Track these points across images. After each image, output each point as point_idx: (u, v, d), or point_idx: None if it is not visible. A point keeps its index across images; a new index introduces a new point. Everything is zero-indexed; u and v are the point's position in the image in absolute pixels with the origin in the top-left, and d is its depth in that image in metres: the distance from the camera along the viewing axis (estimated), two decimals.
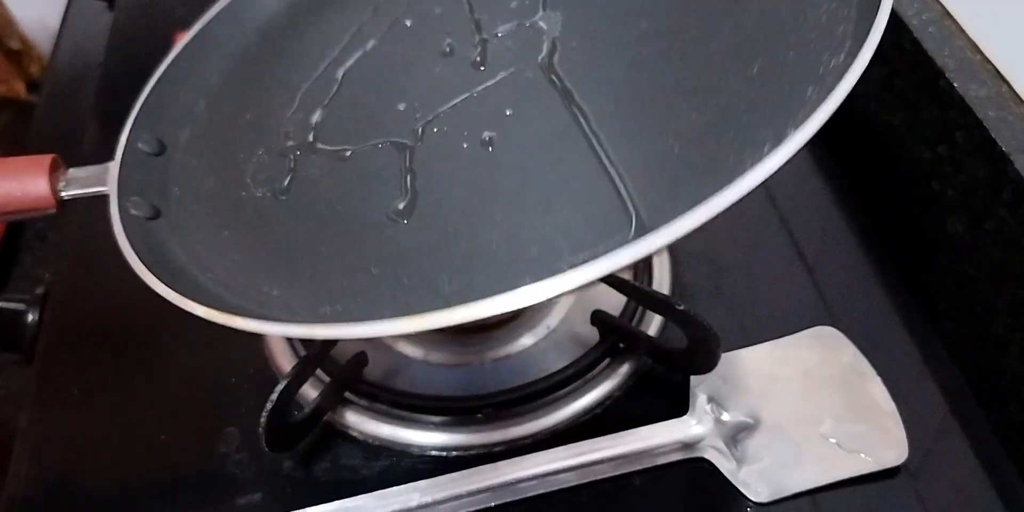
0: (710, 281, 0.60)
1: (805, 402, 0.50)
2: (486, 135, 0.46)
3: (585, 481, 0.47)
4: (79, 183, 0.46)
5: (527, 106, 0.47)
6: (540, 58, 0.49)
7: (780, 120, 0.38)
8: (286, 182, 0.48)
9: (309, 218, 0.46)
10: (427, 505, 0.45)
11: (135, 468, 0.52)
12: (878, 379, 0.51)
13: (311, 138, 0.50)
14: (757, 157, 0.33)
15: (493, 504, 0.46)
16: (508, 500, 0.46)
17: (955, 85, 0.54)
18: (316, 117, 0.51)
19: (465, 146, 0.46)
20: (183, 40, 0.54)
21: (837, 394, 0.51)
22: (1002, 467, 0.50)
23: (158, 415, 0.54)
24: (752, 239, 0.63)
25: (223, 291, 0.43)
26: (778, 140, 0.33)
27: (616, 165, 0.42)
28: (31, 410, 0.55)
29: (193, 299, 0.38)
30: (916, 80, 0.58)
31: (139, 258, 0.41)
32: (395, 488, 0.46)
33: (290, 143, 0.50)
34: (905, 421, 0.50)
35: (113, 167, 0.47)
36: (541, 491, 0.46)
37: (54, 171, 0.46)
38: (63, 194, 0.46)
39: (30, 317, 0.59)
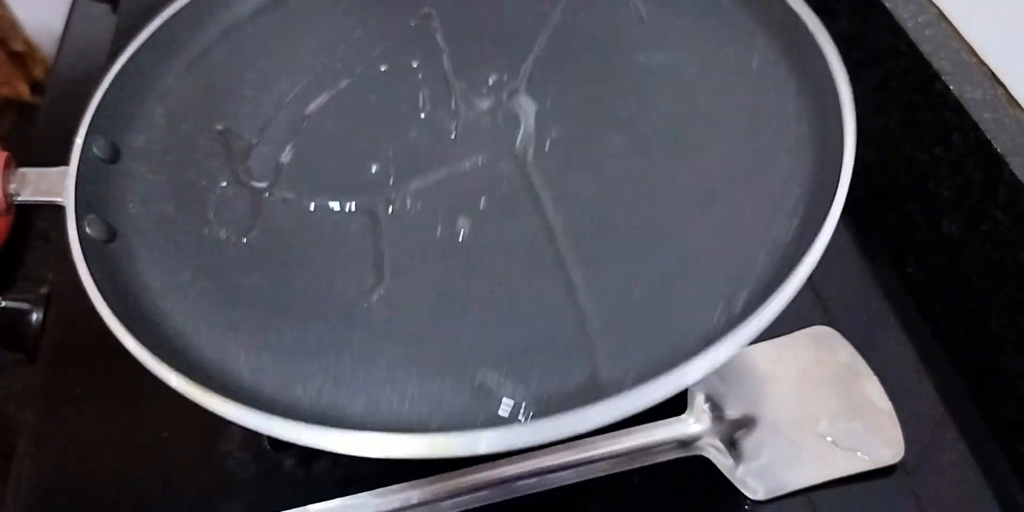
0: None
1: (802, 401, 0.50)
2: (460, 224, 0.46)
3: (583, 479, 0.47)
4: (33, 188, 0.45)
5: (501, 201, 0.47)
6: (515, 148, 0.49)
7: (733, 282, 0.41)
8: (252, 228, 0.47)
9: (276, 274, 0.45)
10: (427, 503, 0.46)
11: (137, 466, 0.53)
12: (874, 378, 0.51)
13: (278, 182, 0.49)
14: (709, 322, 0.39)
15: (492, 502, 0.46)
16: (507, 498, 0.46)
17: (951, 88, 0.54)
18: (284, 157, 0.50)
19: (438, 232, 0.46)
20: (141, 36, 0.52)
21: (834, 393, 0.51)
22: (998, 465, 0.50)
23: (160, 414, 0.54)
24: None
25: (187, 344, 0.42)
26: (729, 306, 0.40)
27: (579, 294, 0.43)
28: (35, 409, 0.56)
29: (166, 362, 0.38)
30: (911, 82, 0.58)
31: (105, 303, 0.41)
32: (395, 486, 0.46)
33: (256, 184, 0.49)
34: (901, 420, 0.50)
35: (69, 174, 0.45)
36: (540, 489, 0.46)
37: (5, 170, 0.44)
38: (17, 198, 0.44)
39: (34, 316, 0.59)
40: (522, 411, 0.39)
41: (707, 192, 0.45)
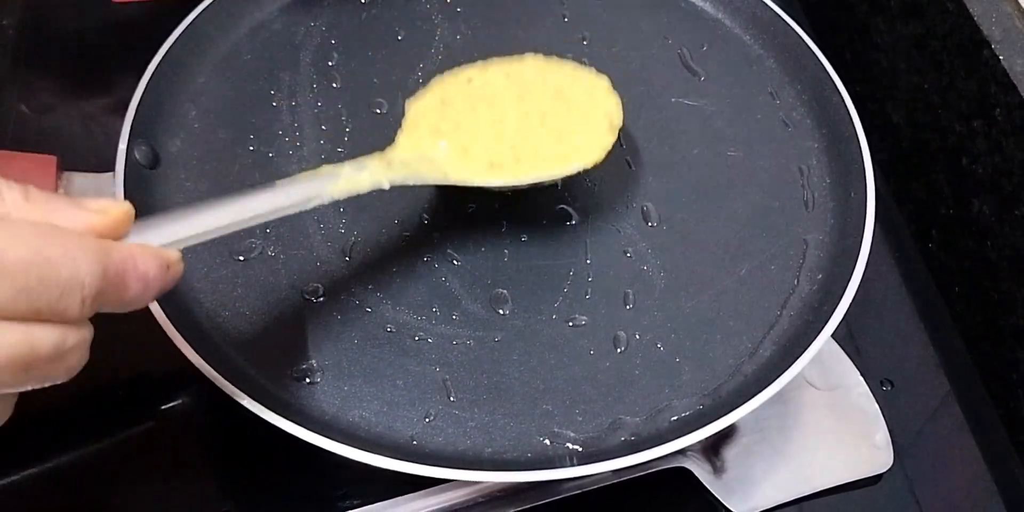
0: None
1: (786, 407, 0.48)
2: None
3: (566, 494, 0.43)
4: (82, 195, 0.40)
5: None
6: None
7: (758, 331, 0.44)
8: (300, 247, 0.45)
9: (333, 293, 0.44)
10: None
11: None
12: (863, 383, 0.48)
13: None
14: (737, 376, 0.42)
15: None
16: None
17: (1001, 58, 0.49)
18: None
19: None
20: (173, 34, 0.48)
21: (820, 399, 0.48)
22: (1010, 464, 0.49)
23: None
24: None
25: (242, 362, 0.41)
26: (755, 355, 0.43)
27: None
28: None
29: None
30: (955, 45, 0.52)
31: (165, 314, 0.39)
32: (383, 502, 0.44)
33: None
34: (904, 417, 0.48)
35: (116, 180, 0.42)
36: (514, 508, 0.43)
37: (57, 174, 0.42)
38: None
39: None
40: (568, 453, 0.40)
41: (736, 244, 0.47)
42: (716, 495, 0.45)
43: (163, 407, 0.46)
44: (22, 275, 0.25)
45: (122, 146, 0.44)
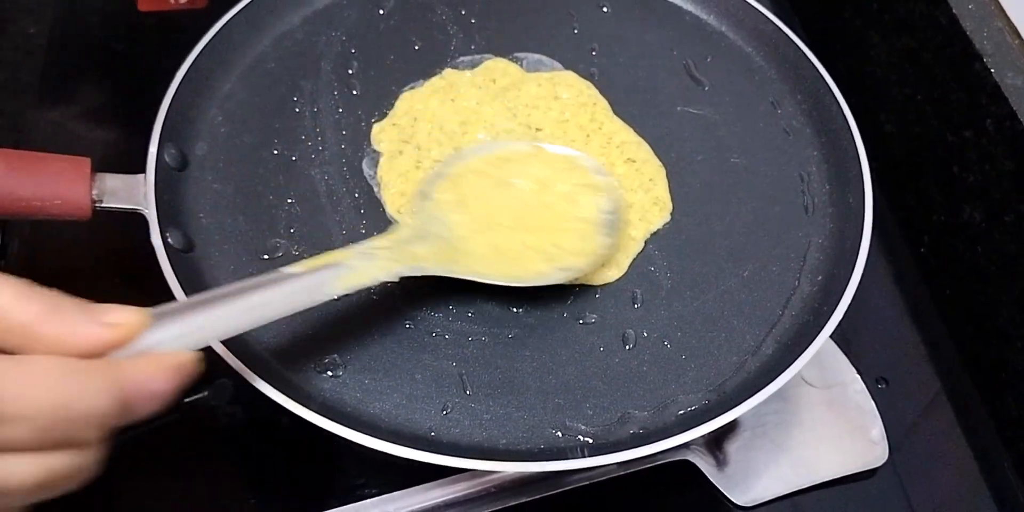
0: None
1: (785, 404, 0.48)
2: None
3: (570, 487, 0.44)
4: (114, 195, 0.42)
5: None
6: None
7: (761, 330, 0.44)
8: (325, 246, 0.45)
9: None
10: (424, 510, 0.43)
11: None
12: (858, 379, 0.49)
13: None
14: (741, 373, 0.43)
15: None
16: (490, 509, 0.43)
17: (992, 71, 0.49)
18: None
19: None
20: (201, 42, 0.49)
21: (818, 396, 0.49)
22: (999, 462, 0.49)
23: None
24: None
25: (268, 357, 0.41)
26: (757, 353, 0.43)
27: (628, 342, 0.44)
28: None
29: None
30: (948, 58, 0.53)
31: None
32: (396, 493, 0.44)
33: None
34: (896, 415, 0.49)
35: (147, 182, 0.43)
36: (524, 499, 0.43)
37: (90, 176, 0.41)
38: (98, 205, 0.41)
39: None
40: (579, 444, 0.40)
41: (739, 247, 0.47)
42: (719, 487, 0.45)
43: (188, 400, 0.47)
44: (42, 418, 0.25)
45: (152, 149, 0.44)
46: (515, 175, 0.44)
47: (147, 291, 0.40)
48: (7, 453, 0.25)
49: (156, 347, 0.29)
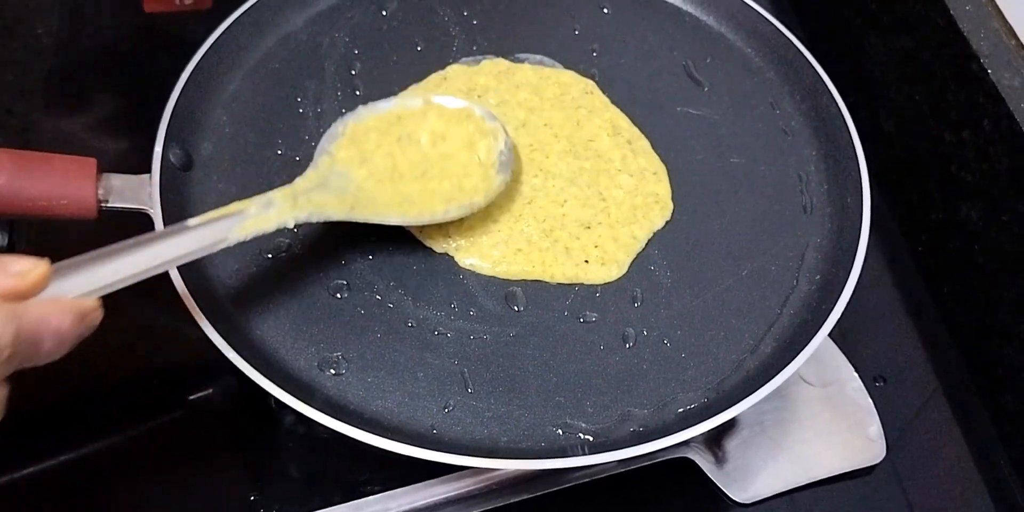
0: None
1: (784, 402, 0.48)
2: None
3: (570, 484, 0.44)
4: (119, 195, 0.42)
5: None
6: None
7: (760, 329, 0.44)
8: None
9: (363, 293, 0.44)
10: (425, 508, 0.43)
11: None
12: (856, 377, 0.49)
13: None
14: (740, 371, 0.43)
15: (481, 509, 0.43)
16: (491, 506, 0.43)
17: (989, 72, 0.49)
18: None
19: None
20: (207, 42, 0.49)
21: (815, 394, 0.48)
22: (996, 458, 0.49)
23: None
24: None
25: (274, 355, 0.42)
26: (756, 352, 0.43)
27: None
28: None
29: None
30: (946, 59, 0.53)
31: (203, 314, 0.39)
32: (398, 490, 0.43)
33: None
34: (893, 412, 0.49)
35: (152, 182, 0.43)
36: (525, 495, 0.43)
37: (96, 176, 0.41)
38: (104, 205, 0.41)
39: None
40: (580, 442, 0.40)
41: (738, 246, 0.47)
42: (718, 484, 0.45)
43: (193, 397, 0.47)
44: None
45: (158, 149, 0.44)
46: (413, 130, 0.45)
47: (152, 291, 0.40)
48: None
49: (62, 295, 0.31)
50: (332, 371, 0.41)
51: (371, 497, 0.43)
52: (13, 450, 0.44)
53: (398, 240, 0.45)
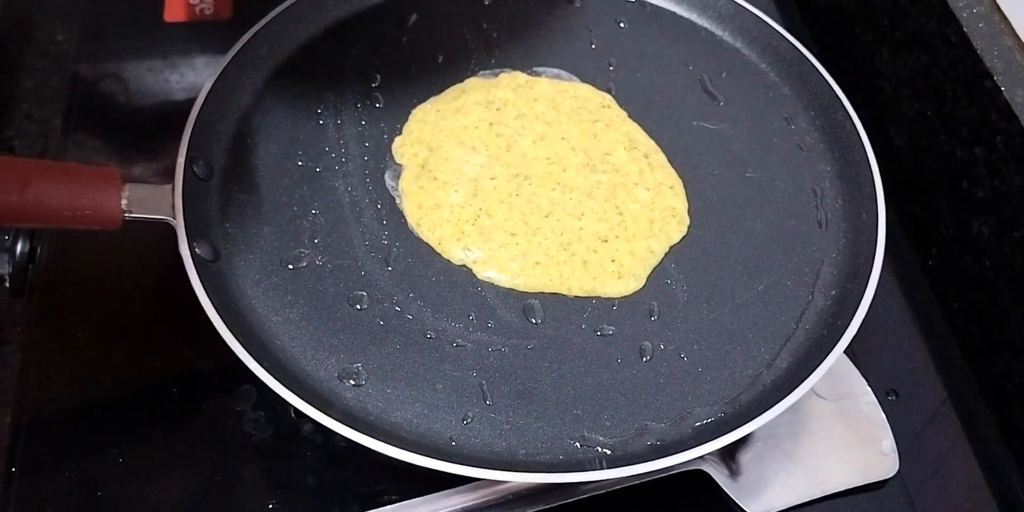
0: None
1: (797, 415, 0.48)
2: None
3: (586, 495, 0.43)
4: (142, 205, 0.42)
5: None
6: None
7: (776, 343, 0.44)
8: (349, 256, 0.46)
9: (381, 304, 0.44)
10: None
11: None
12: (869, 391, 0.48)
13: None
14: (757, 385, 0.43)
15: None
16: None
17: (1003, 89, 0.49)
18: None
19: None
20: (230, 53, 0.48)
21: (828, 408, 0.48)
22: (1005, 472, 0.49)
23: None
24: None
25: (293, 366, 0.41)
26: (772, 366, 0.43)
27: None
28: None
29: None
30: (958, 75, 0.53)
31: (222, 320, 0.39)
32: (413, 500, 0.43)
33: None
34: (905, 426, 0.48)
35: (175, 193, 0.43)
36: (540, 506, 0.43)
37: (119, 186, 0.41)
38: (127, 215, 0.41)
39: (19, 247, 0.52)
40: (598, 456, 0.40)
41: (754, 261, 0.47)
42: (732, 496, 0.45)
43: (212, 404, 0.47)
44: None
45: (180, 159, 0.44)
46: None
47: (175, 300, 0.40)
48: None
49: None
50: (352, 382, 0.41)
51: (389, 506, 0.42)
52: (32, 456, 0.44)
53: (417, 252, 0.45)
